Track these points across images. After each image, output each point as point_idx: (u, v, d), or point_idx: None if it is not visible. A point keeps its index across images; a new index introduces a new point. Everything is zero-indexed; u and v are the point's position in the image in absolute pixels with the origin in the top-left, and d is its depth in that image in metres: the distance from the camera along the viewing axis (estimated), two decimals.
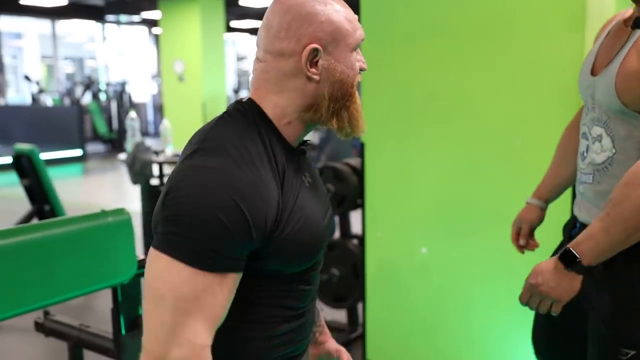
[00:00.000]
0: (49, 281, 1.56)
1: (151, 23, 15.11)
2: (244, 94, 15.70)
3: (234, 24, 14.73)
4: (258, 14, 13.84)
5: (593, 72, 1.44)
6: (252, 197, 0.91)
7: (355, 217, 3.36)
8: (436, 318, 2.71)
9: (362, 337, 3.00)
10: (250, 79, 1.09)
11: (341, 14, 1.00)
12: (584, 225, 1.42)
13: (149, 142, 14.20)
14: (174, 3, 9.53)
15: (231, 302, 0.95)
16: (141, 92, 16.40)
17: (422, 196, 2.67)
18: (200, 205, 0.89)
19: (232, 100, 9.35)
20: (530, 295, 1.33)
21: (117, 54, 17.13)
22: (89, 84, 13.67)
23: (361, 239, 3.03)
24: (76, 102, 12.88)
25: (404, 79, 2.66)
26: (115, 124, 12.82)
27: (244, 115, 1.01)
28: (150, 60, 16.89)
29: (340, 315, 3.46)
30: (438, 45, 2.55)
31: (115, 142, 12.76)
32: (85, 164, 11.02)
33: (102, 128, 12.72)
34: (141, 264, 1.77)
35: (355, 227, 3.41)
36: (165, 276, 0.90)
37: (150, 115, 16.39)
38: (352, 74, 1.02)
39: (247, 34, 18.22)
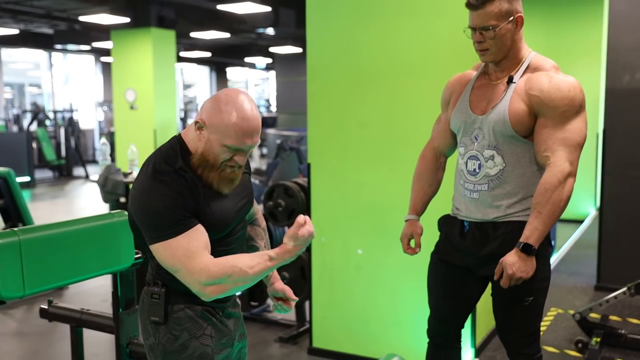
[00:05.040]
0: (71, 265, 2.03)
1: (99, 52, 15.38)
2: (190, 122, 16.09)
3: (182, 54, 15.17)
4: (206, 45, 14.38)
5: (475, 112, 2.02)
6: (176, 191, 1.50)
7: None
8: (370, 307, 3.27)
9: (309, 329, 3.53)
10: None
11: (232, 123, 1.48)
12: (475, 223, 2.04)
13: (97, 169, 14.32)
14: (126, 34, 9.91)
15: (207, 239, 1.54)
16: (88, 119, 16.54)
17: (358, 207, 3.25)
18: (152, 208, 1.49)
19: (181, 128, 9.69)
20: (509, 281, 1.88)
21: (63, 82, 17.23)
22: (37, 112, 13.77)
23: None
24: (26, 130, 12.96)
25: (343, 110, 3.25)
26: (63, 151, 12.96)
27: (171, 147, 1.58)
28: (97, 88, 17.08)
29: (289, 314, 3.97)
30: (369, 84, 3.16)
31: (63, 169, 12.89)
32: (33, 190, 11.13)
33: (50, 155, 12.83)
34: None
35: None
36: (167, 254, 1.51)
37: (97, 142, 16.53)
38: (214, 157, 1.52)
39: (194, 64, 18.68)
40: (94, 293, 4.64)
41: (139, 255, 2.26)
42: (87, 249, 2.09)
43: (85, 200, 10.24)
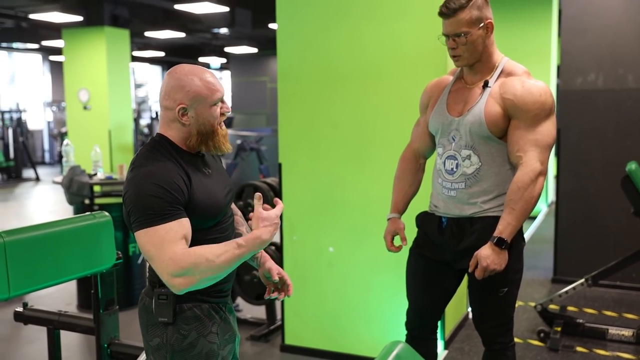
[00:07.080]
0: (55, 266, 2.02)
1: (47, 50, 14.96)
2: (143, 122, 15.83)
3: (135, 53, 14.92)
4: (159, 44, 14.19)
5: (452, 114, 2.12)
6: (167, 180, 1.53)
7: None
8: (341, 304, 3.34)
9: (280, 326, 3.57)
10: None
11: (202, 84, 1.59)
12: (453, 219, 2.14)
13: (47, 170, 13.94)
14: (79, 32, 9.68)
15: (192, 231, 1.55)
16: (36, 119, 16.05)
17: (329, 205, 3.32)
18: (141, 196, 1.53)
19: (134, 129, 9.53)
20: (484, 272, 2.00)
21: (9, 81, 16.67)
22: None
23: (278, 245, 3.62)
24: None
25: (313, 111, 3.31)
26: (11, 152, 12.56)
27: (157, 142, 1.64)
28: (45, 88, 16.60)
29: (259, 312, 4.00)
30: (339, 85, 3.23)
31: (12, 171, 12.49)
32: None
33: None
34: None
35: None
36: (144, 240, 1.53)
37: (46, 143, 16.08)
38: (212, 119, 1.61)
39: (146, 63, 18.38)
40: (56, 297, 4.56)
41: (120, 256, 2.26)
42: (70, 250, 2.07)
43: (36, 202, 9.97)
